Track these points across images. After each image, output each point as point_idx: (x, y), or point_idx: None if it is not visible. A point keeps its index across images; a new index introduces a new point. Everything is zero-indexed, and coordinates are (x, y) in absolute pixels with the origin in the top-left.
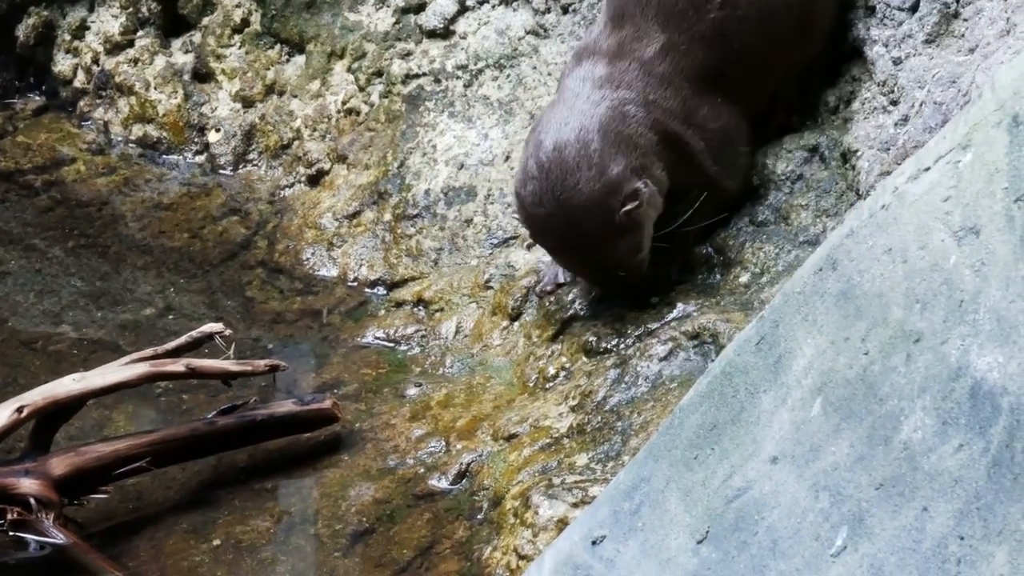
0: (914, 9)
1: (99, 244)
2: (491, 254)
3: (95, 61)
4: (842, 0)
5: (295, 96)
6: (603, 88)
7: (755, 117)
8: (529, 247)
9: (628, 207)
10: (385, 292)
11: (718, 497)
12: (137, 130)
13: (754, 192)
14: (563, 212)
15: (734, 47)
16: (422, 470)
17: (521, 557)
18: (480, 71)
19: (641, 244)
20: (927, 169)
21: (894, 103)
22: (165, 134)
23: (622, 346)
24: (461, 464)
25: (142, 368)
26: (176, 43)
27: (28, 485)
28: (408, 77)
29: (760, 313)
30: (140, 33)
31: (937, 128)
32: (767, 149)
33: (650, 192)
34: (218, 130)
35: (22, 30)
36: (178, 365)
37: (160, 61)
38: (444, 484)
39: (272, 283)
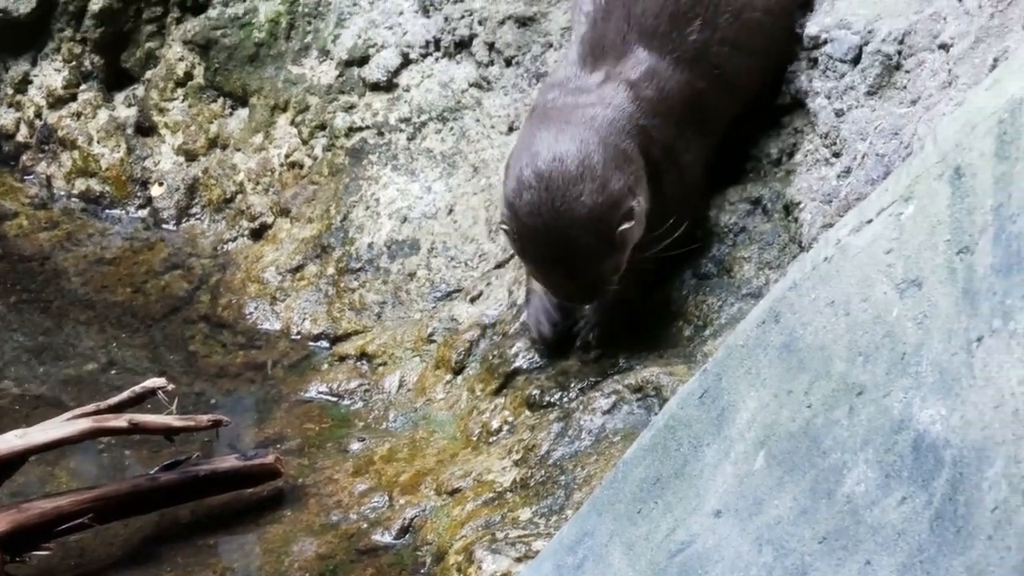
0: (856, 61)
1: (41, 299)
2: (434, 308)
3: (38, 115)
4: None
5: (238, 149)
6: (595, 107)
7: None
8: (473, 301)
9: (624, 225)
10: (328, 346)
11: (662, 551)
12: (80, 184)
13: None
14: (561, 223)
15: (714, 69)
16: (365, 525)
17: None
18: (423, 124)
19: (622, 263)
20: (869, 221)
21: (836, 155)
22: (108, 188)
23: (565, 400)
24: (404, 519)
25: (84, 424)
26: (119, 97)
27: None
28: (351, 130)
29: (703, 366)
30: (83, 87)
31: (879, 180)
32: (710, 201)
33: (640, 212)
34: (161, 184)
35: None
36: (121, 420)
37: (103, 115)
38: (387, 539)
39: (215, 337)
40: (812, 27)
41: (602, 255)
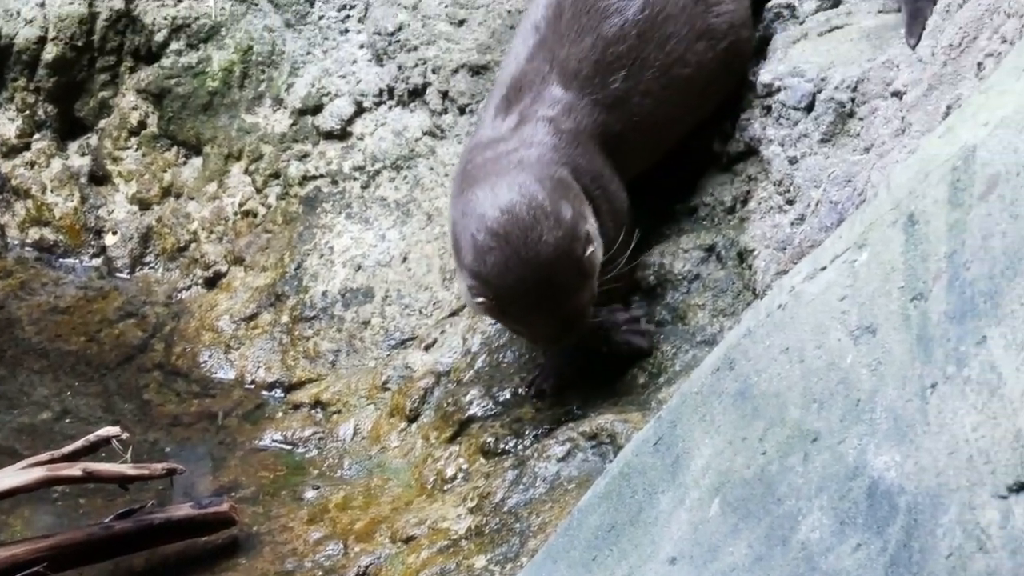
0: (809, 108)
1: None
2: (389, 356)
3: None
4: (737, 78)
5: (192, 198)
6: (519, 151)
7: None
8: (427, 348)
9: (588, 250)
10: (283, 394)
11: None
12: (33, 233)
13: (651, 292)
14: (533, 270)
15: (634, 116)
16: (320, 573)
17: None
18: (377, 172)
19: (595, 289)
20: (823, 268)
21: (790, 202)
22: (62, 237)
23: (520, 447)
24: (359, 567)
25: (39, 472)
26: (73, 146)
27: None
28: (305, 179)
29: (658, 413)
30: (37, 136)
31: (833, 227)
32: (663, 248)
33: (595, 232)
34: (115, 233)
35: None
36: (75, 469)
37: (57, 164)
38: None
39: (169, 386)
40: (765, 75)
41: (578, 286)
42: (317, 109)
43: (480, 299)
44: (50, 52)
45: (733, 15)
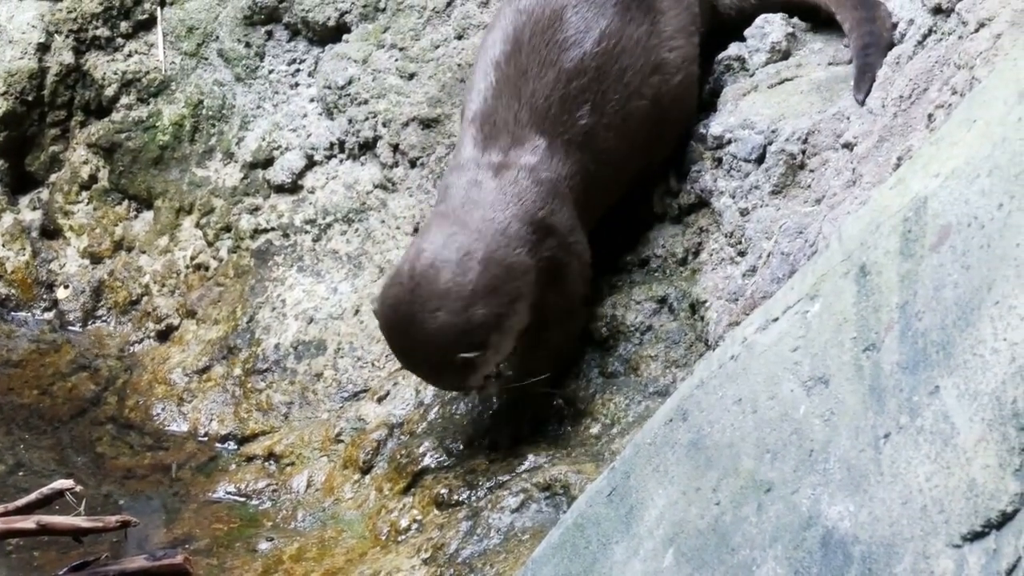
0: (760, 160)
1: None
2: (341, 408)
3: None
4: (687, 115)
5: (144, 252)
6: (494, 208)
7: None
8: (380, 400)
9: (469, 354)
10: (236, 447)
11: None
12: None
13: (604, 343)
14: (411, 329)
15: (601, 153)
16: None
17: None
18: (329, 225)
19: (478, 378)
20: (776, 319)
21: (742, 254)
22: (13, 291)
23: (474, 498)
24: None
25: None
26: (24, 200)
27: None
28: (256, 232)
29: (611, 464)
30: None
31: (785, 279)
32: (616, 300)
33: (500, 342)
34: (67, 287)
35: None
36: (28, 522)
37: (7, 218)
38: None
39: (122, 439)
40: (716, 127)
41: (441, 370)
42: (268, 163)
43: (374, 308)
44: (0, 107)
45: (684, 51)
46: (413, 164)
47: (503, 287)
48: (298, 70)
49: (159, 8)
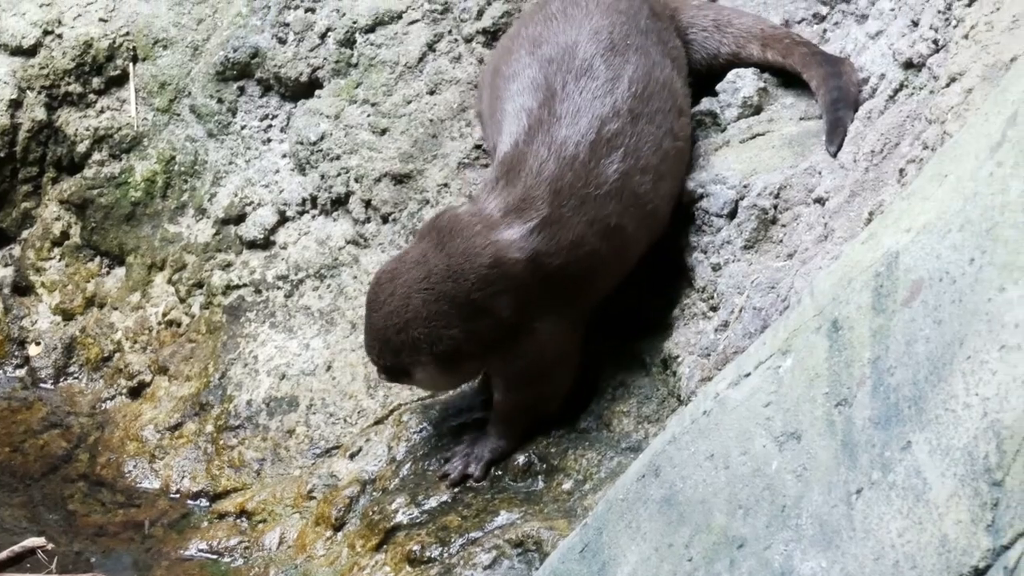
0: (732, 215)
1: None
2: (314, 464)
3: None
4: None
5: (116, 308)
6: (480, 256)
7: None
8: (352, 457)
9: (409, 360)
10: (208, 504)
11: None
12: None
13: (576, 400)
14: (366, 323)
15: (637, 199)
16: None
17: None
18: (301, 281)
19: (426, 383)
20: (748, 375)
21: (714, 309)
22: None
23: (446, 555)
24: None
25: None
26: None
27: None
28: (229, 288)
29: (584, 520)
30: None
31: (757, 334)
32: (588, 355)
33: (426, 375)
34: (38, 343)
35: None
36: None
37: None
38: None
39: (94, 496)
40: (688, 182)
41: (384, 370)
42: (240, 218)
43: None
44: None
45: (689, 97)
46: (385, 220)
47: (451, 321)
48: (270, 126)
49: (131, 64)
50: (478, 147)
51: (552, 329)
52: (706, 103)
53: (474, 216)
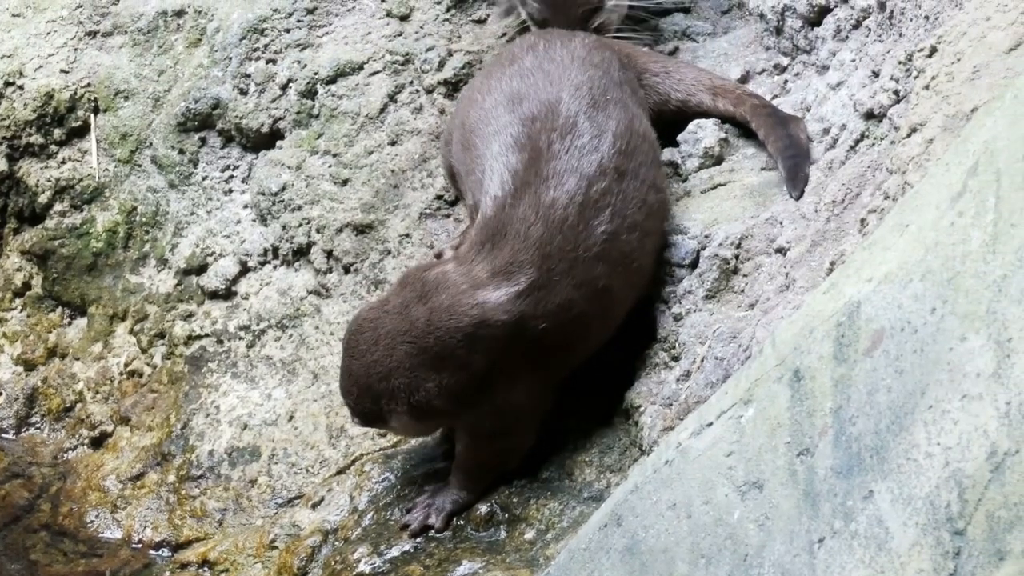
0: (694, 265)
1: None
2: (276, 514)
3: None
4: None
5: (77, 359)
6: (461, 317)
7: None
8: (314, 507)
9: (385, 408)
10: (170, 554)
11: None
12: None
13: (538, 449)
14: (342, 367)
15: (624, 258)
16: None
17: None
18: (263, 331)
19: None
20: (710, 424)
21: (675, 359)
22: None
23: None
24: None
25: None
26: None
27: None
28: (191, 338)
29: (546, 570)
30: None
31: (719, 383)
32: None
33: (402, 422)
34: (0, 394)
35: None
36: None
37: None
38: None
39: (56, 546)
40: None
41: (360, 415)
42: (202, 269)
43: None
44: None
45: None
46: (347, 270)
47: (407, 381)
48: (232, 176)
49: (93, 115)
50: (439, 197)
51: (528, 390)
52: (668, 153)
53: (462, 275)
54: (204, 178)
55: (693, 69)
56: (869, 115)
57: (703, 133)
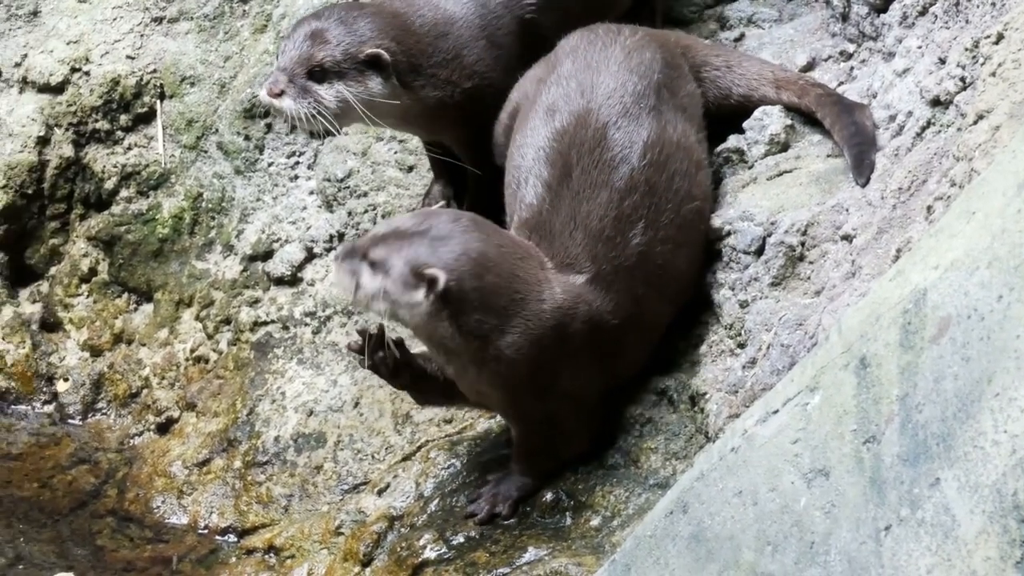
0: (760, 252)
1: None
2: (341, 500)
3: None
4: None
5: (143, 344)
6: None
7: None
8: (380, 493)
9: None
10: (236, 539)
11: None
12: None
13: (604, 436)
14: None
15: (658, 269)
16: None
17: None
18: (328, 318)
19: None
20: (776, 412)
21: (741, 346)
22: (13, 384)
23: None
24: None
25: None
26: (23, 293)
27: None
28: (256, 324)
29: (612, 556)
30: None
31: (785, 370)
32: (615, 393)
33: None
34: (67, 380)
35: None
36: None
37: (7, 311)
38: None
39: (122, 531)
40: (715, 220)
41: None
42: (268, 255)
43: None
44: (0, 200)
45: (705, 143)
46: None
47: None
48: (298, 163)
49: (159, 101)
50: None
51: (574, 395)
52: (733, 140)
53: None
54: (270, 164)
55: (755, 62)
56: (935, 102)
57: (769, 120)
